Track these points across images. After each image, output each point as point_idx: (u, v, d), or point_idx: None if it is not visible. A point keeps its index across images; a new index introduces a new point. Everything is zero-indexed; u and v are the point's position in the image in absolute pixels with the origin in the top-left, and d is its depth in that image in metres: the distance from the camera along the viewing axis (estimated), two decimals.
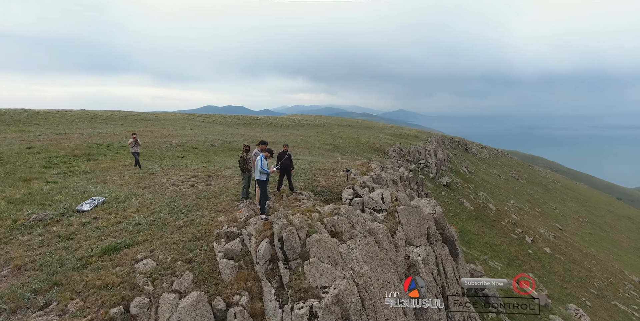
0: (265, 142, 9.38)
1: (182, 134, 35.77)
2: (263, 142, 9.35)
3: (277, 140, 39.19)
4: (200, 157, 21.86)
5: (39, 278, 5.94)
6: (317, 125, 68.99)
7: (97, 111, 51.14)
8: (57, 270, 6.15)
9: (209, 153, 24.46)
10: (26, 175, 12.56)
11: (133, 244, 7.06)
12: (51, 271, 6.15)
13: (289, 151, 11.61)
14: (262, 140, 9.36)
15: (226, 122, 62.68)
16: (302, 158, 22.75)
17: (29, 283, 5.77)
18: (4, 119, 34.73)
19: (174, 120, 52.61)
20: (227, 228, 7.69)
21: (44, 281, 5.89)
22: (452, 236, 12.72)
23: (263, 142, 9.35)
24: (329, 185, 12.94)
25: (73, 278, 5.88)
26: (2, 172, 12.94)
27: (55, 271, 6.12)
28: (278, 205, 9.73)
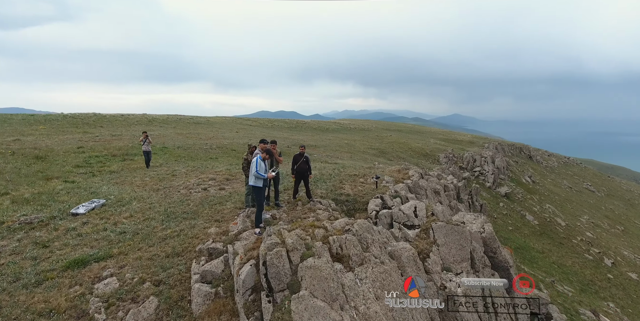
0: (265, 141, 8.09)
1: (226, 137, 36.29)
2: (263, 141, 8.07)
3: (320, 144, 38.12)
4: (233, 159, 21.39)
5: None
6: (363, 130, 67.04)
7: (156, 115, 54.48)
8: (6, 286, 5.32)
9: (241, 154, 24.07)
10: (52, 174, 12.72)
11: (105, 257, 6.15)
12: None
13: (306, 153, 10.20)
14: (263, 139, 8.09)
15: (273, 125, 63.45)
16: (337, 163, 21.25)
17: None
18: (75, 122, 37.98)
19: (223, 124, 54.29)
20: (210, 243, 6.47)
21: None
22: (505, 261, 10.28)
23: (263, 141, 8.07)
24: (355, 194, 11.27)
25: (18, 298, 4.99)
26: (34, 169, 13.25)
27: (3, 288, 5.33)
28: (286, 216, 8.36)
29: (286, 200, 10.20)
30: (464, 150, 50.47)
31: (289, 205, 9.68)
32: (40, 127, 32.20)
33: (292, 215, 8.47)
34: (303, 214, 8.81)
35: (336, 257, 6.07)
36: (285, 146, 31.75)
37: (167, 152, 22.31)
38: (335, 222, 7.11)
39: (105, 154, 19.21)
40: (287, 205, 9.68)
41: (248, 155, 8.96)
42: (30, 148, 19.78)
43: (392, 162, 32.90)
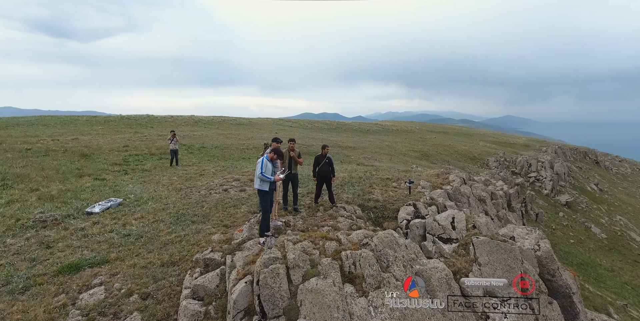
0: (278, 140, 7.31)
1: (264, 138, 36.48)
2: (276, 140, 7.29)
3: (359, 146, 36.97)
4: None
5: None
6: (406, 131, 64.60)
7: (202, 116, 56.81)
8: None
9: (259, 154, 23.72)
10: (86, 171, 13.08)
11: (101, 262, 5.73)
12: None
13: (328, 154, 9.31)
14: (275, 137, 7.32)
15: (312, 127, 63.33)
16: (372, 165, 20.04)
17: None
18: (129, 123, 40.53)
19: (263, 125, 55.14)
20: (208, 253, 5.81)
21: None
22: (566, 286, 8.56)
23: (276, 140, 7.29)
24: (385, 200, 10.13)
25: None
26: (73, 167, 13.72)
27: None
28: (302, 223, 7.52)
29: (307, 204, 9.38)
30: (517, 154, 46.35)
31: (309, 211, 8.84)
32: (99, 128, 34.62)
33: (309, 223, 7.61)
34: (322, 221, 7.91)
35: (348, 277, 5.10)
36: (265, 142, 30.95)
37: (203, 151, 22.61)
38: (352, 234, 6.12)
39: (145, 153, 19.82)
40: (307, 211, 8.84)
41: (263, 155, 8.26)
42: (82, 147, 20.96)
43: (435, 165, 30.84)
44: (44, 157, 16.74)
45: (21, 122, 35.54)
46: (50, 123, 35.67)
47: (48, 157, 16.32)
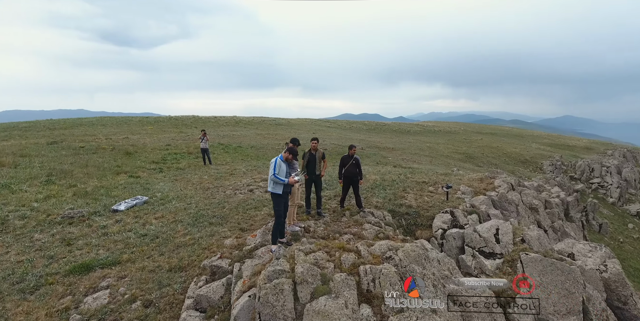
0: (296, 141, 6.76)
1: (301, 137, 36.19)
2: (293, 141, 6.76)
3: (398, 147, 35.65)
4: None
5: None
6: (449, 132, 61.56)
7: (243, 117, 58.39)
8: (6, 288, 5.01)
9: None
10: (124, 169, 13.53)
11: (112, 263, 5.56)
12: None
13: (355, 155, 8.62)
14: (294, 138, 6.78)
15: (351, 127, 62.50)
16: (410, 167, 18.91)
17: None
18: (176, 123, 42.57)
19: (302, 125, 55.34)
20: (216, 260, 5.41)
21: None
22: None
23: (293, 141, 6.76)
24: (419, 205, 9.21)
25: (5, 305, 4.54)
26: (114, 164, 14.28)
27: (2, 290, 4.99)
28: (323, 229, 6.92)
29: (333, 208, 8.77)
30: (576, 157, 42.06)
31: (333, 215, 8.23)
32: (148, 128, 36.65)
33: (331, 229, 6.99)
34: (346, 228, 7.26)
35: (366, 296, 4.43)
36: (359, 148, 30.24)
37: (239, 151, 22.84)
38: (375, 245, 5.41)
39: (183, 152, 20.40)
40: (332, 215, 8.23)
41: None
42: (128, 145, 22.04)
43: (480, 169, 28.74)
44: (92, 154, 17.74)
45: (84, 123, 38.65)
46: (108, 123, 38.38)
47: (95, 155, 17.27)
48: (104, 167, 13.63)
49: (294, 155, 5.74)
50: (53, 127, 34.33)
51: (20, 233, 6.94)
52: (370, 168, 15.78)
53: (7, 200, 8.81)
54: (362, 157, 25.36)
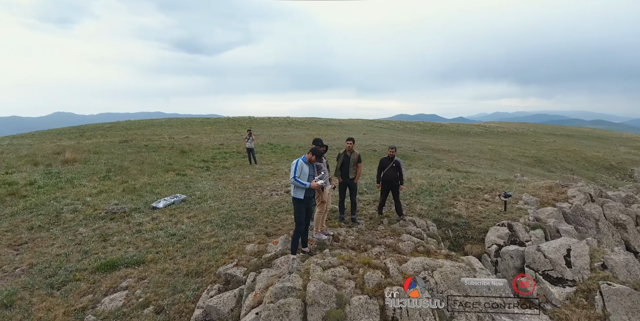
0: (319, 141, 6.15)
1: None
2: (316, 142, 6.16)
3: (455, 149, 33.38)
4: None
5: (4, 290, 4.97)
6: (516, 134, 56.34)
7: (295, 118, 59.45)
8: (38, 282, 5.18)
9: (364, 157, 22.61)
10: (174, 166, 14.13)
11: (137, 263, 5.49)
12: (29, 283, 5.20)
13: (396, 157, 7.82)
14: (317, 138, 6.19)
15: (404, 128, 60.33)
16: (466, 171, 17.26)
17: None
18: (233, 124, 44.68)
19: (353, 126, 54.68)
20: (231, 267, 5.04)
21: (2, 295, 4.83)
22: None
23: (316, 142, 6.16)
24: (470, 216, 8.10)
25: (32, 299, 4.69)
26: (167, 162, 15.02)
27: (33, 283, 5.16)
28: (354, 238, 6.26)
29: (370, 214, 8.07)
30: None
31: (369, 223, 7.53)
32: (208, 128, 38.84)
33: (364, 238, 6.33)
34: (380, 238, 6.54)
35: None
36: (411, 150, 28.76)
37: (286, 151, 22.94)
38: (408, 261, 4.66)
39: (233, 151, 21.01)
40: (368, 222, 7.55)
41: None
42: (186, 144, 23.33)
43: (553, 175, 25.58)
44: (152, 152, 19.01)
45: (155, 123, 42.21)
46: (174, 124, 41.42)
47: (155, 153, 18.47)
48: (157, 164, 14.40)
49: (317, 156, 5.20)
50: (129, 127, 37.89)
51: (68, 226, 7.36)
52: (419, 172, 14.64)
53: (67, 193, 9.57)
54: (413, 159, 23.93)
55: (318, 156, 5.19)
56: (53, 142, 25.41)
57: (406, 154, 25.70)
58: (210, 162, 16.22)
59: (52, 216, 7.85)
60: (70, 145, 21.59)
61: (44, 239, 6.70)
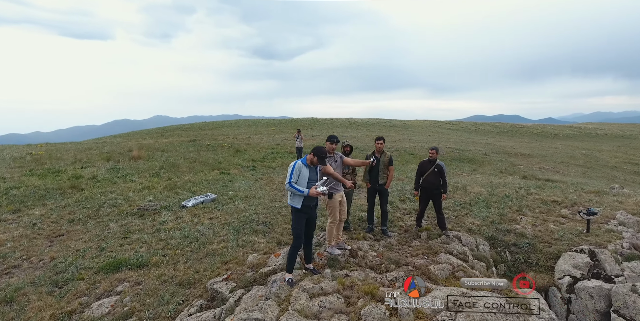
0: (334, 138, 5.21)
1: (414, 140, 33.81)
2: (331, 138, 5.22)
3: (537, 153, 29.37)
4: (404, 164, 18.75)
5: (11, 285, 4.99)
6: (621, 137, 47.92)
7: (358, 119, 58.55)
8: (46, 277, 5.16)
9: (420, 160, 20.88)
10: (221, 165, 14.35)
11: (140, 265, 5.20)
12: (39, 278, 5.18)
13: (438, 160, 6.56)
14: (331, 135, 5.25)
15: (477, 129, 55.40)
16: (548, 179, 14.60)
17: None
18: (295, 124, 45.52)
19: (418, 127, 51.87)
20: (219, 282, 4.42)
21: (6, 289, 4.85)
22: None
23: (331, 138, 5.22)
24: (537, 235, 6.44)
25: (32, 296, 4.64)
26: (216, 160, 15.41)
27: (43, 278, 5.15)
28: (375, 255, 5.24)
29: (407, 226, 6.93)
30: None
31: (403, 236, 6.42)
32: (271, 129, 40.17)
33: (389, 256, 5.28)
34: (411, 256, 5.42)
35: None
36: (482, 153, 25.92)
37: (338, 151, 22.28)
38: (426, 295, 3.59)
39: (286, 151, 21.02)
40: (401, 236, 6.44)
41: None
42: (244, 144, 24.08)
43: None
44: (211, 151, 19.89)
45: (225, 124, 45.04)
46: (242, 125, 43.68)
47: (212, 152, 19.27)
48: (207, 162, 14.82)
49: (320, 157, 4.37)
50: (203, 128, 40.84)
51: (102, 220, 7.54)
52: (481, 178, 12.71)
53: (116, 189, 10.12)
54: (482, 164, 21.31)
55: (321, 157, 4.36)
56: (137, 140, 28.36)
57: (474, 158, 23.10)
58: (259, 162, 16.27)
59: (94, 210, 8.24)
60: (147, 143, 23.75)
61: (77, 232, 6.94)
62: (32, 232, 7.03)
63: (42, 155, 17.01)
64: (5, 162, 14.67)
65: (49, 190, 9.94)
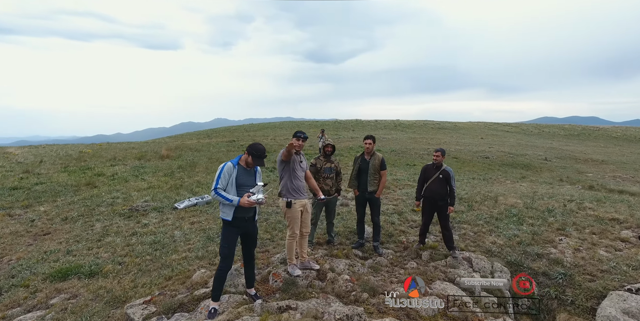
0: (301, 134, 4.24)
1: (461, 143, 31.26)
2: (297, 134, 4.24)
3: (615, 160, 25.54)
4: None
5: None
6: None
7: (404, 120, 56.26)
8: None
9: (464, 164, 18.85)
10: None
11: (91, 274, 4.77)
12: None
13: (445, 165, 5.31)
14: (298, 131, 4.28)
15: (540, 132, 50.15)
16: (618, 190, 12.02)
17: None
18: (338, 126, 45.12)
19: (470, 129, 48.30)
20: (138, 305, 3.62)
21: None
22: None
23: (297, 134, 4.24)
24: (579, 263, 4.87)
25: None
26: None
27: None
28: (345, 281, 4.21)
29: (409, 242, 5.75)
30: None
31: (400, 255, 5.26)
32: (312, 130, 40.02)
33: (370, 280, 4.18)
34: (398, 282, 4.29)
35: None
36: (541, 158, 23.03)
37: None
38: None
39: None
40: (398, 254, 5.30)
41: (317, 160, 5.47)
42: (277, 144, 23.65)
43: None
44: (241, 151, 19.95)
45: (271, 126, 45.84)
46: (286, 127, 44.04)
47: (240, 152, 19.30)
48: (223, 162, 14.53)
49: (256, 156, 3.49)
50: (249, 130, 41.87)
51: (90, 220, 7.27)
52: (526, 186, 10.77)
53: (123, 187, 10.07)
54: (539, 170, 18.64)
55: (257, 156, 3.49)
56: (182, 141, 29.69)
57: (529, 164, 20.39)
58: None
59: (91, 208, 8.07)
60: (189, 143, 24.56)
61: (61, 232, 6.70)
62: (25, 228, 7.00)
63: (88, 153, 18.23)
64: (53, 159, 15.82)
65: (66, 186, 10.26)
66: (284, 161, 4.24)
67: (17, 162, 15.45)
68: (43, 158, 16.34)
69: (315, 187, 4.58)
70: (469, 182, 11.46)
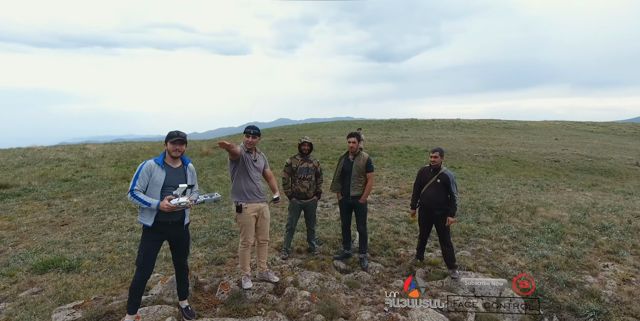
0: (250, 128, 3.72)
1: (528, 144, 27.95)
2: (247, 130, 3.71)
3: None
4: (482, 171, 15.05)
5: None
6: None
7: (464, 120, 52.56)
8: None
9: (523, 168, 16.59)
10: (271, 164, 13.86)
11: (69, 268, 4.74)
12: None
13: (444, 168, 4.37)
14: (249, 126, 3.72)
15: (635, 133, 43.07)
16: None
17: None
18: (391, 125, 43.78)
19: (544, 129, 43.24)
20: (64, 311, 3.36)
21: None
22: None
23: (247, 130, 3.71)
24: (622, 299, 3.60)
25: None
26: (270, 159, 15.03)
27: None
28: (304, 299, 3.57)
29: (404, 257, 4.91)
30: None
31: (389, 271, 4.50)
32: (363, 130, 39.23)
33: (330, 301, 3.54)
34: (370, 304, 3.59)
35: None
36: (630, 164, 19.73)
37: (416, 155, 19.48)
38: None
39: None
40: (386, 269, 4.54)
41: (292, 159, 4.90)
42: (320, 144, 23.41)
43: None
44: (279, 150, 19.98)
45: (321, 126, 45.99)
46: (337, 126, 43.82)
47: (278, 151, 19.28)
48: None
49: (169, 138, 3.07)
50: (301, 129, 42.46)
51: (102, 213, 7.57)
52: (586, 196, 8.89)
53: None
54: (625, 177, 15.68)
55: (170, 137, 3.06)
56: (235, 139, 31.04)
57: (612, 169, 17.24)
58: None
59: (113, 201, 8.46)
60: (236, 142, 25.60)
61: (75, 223, 6.98)
62: (50, 218, 7.51)
63: (145, 150, 19.82)
64: (112, 155, 17.45)
65: (106, 180, 11.05)
66: (232, 161, 3.80)
67: (85, 156, 17.23)
68: (106, 153, 18.03)
69: (274, 187, 4.07)
70: (514, 189, 9.86)
